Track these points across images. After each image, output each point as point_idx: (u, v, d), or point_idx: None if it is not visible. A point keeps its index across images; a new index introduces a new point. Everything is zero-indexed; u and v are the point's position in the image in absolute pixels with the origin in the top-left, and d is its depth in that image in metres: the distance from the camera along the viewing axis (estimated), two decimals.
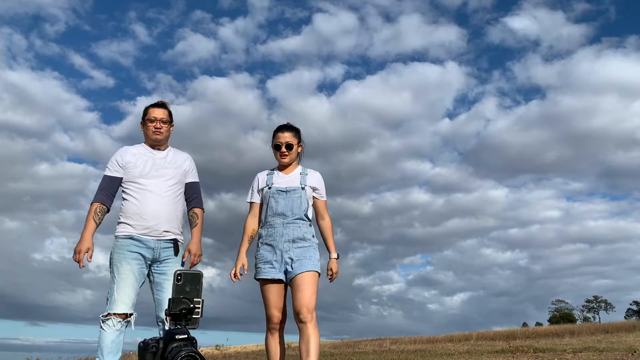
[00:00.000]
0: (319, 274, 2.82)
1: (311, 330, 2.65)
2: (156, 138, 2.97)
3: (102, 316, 2.73)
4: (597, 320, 59.66)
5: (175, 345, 1.57)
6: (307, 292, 2.70)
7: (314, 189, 2.97)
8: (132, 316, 2.76)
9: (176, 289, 1.63)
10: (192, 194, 3.04)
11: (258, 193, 2.98)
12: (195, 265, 2.94)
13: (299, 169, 3.02)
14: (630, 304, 65.05)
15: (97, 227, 2.84)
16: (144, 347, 1.61)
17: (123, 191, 2.91)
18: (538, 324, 53.84)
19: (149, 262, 2.85)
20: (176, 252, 2.91)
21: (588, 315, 65.25)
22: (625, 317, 59.78)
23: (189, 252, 2.92)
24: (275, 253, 2.80)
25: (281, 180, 2.94)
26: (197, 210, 3.03)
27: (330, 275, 2.91)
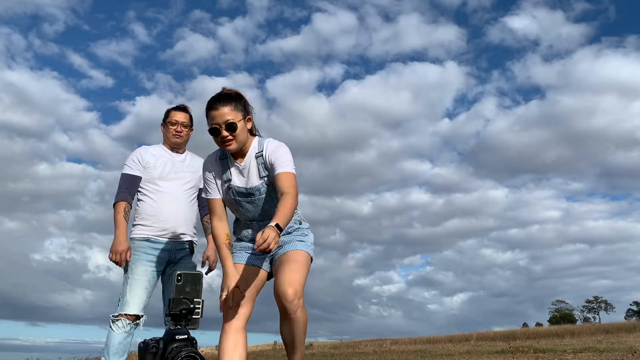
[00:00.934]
0: (312, 259, 2.23)
1: (299, 315, 2.06)
2: (176, 141, 3.00)
3: (112, 316, 2.74)
4: (597, 320, 59.72)
5: (175, 345, 1.57)
6: (295, 272, 2.07)
7: (272, 168, 2.14)
8: (142, 318, 2.77)
9: (176, 289, 1.64)
10: (206, 200, 3.08)
11: (217, 186, 2.25)
12: (213, 270, 3.00)
13: (254, 147, 2.20)
14: (631, 305, 65.00)
15: (127, 226, 2.85)
16: (144, 347, 1.61)
17: (139, 192, 2.92)
18: (538, 324, 53.93)
19: (164, 264, 2.88)
20: (191, 253, 2.96)
21: (588, 315, 65.27)
22: (625, 318, 59.80)
23: (208, 258, 2.99)
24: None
25: (238, 176, 2.21)
26: None
27: (259, 244, 1.76)
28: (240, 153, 2.21)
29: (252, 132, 2.25)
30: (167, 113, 3.05)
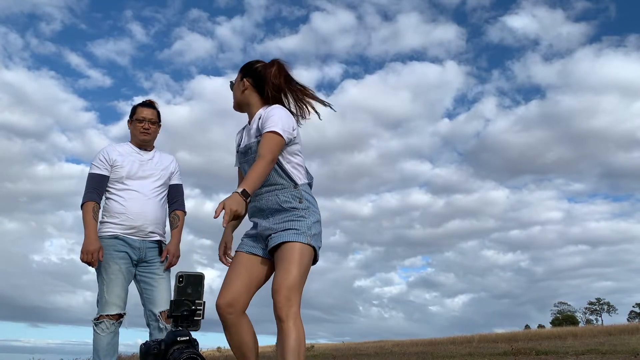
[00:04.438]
0: (314, 249, 2.05)
1: (290, 327, 1.91)
2: (144, 139, 2.94)
3: (93, 319, 2.70)
4: (599, 322, 59.59)
5: (177, 347, 1.56)
6: (288, 271, 1.94)
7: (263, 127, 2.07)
8: (124, 316, 2.73)
9: (178, 290, 1.63)
10: (175, 196, 3.02)
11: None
12: (173, 266, 2.90)
13: (260, 110, 2.20)
14: (633, 307, 64.88)
15: (97, 226, 2.82)
16: (145, 349, 1.60)
17: (107, 190, 2.87)
18: (540, 326, 53.77)
19: (135, 262, 2.83)
20: (160, 254, 2.88)
21: (590, 317, 65.14)
22: (627, 320, 59.71)
23: (168, 252, 2.88)
24: (255, 228, 2.17)
25: (245, 137, 2.26)
26: (179, 213, 3.01)
27: (217, 211, 1.80)
28: (251, 115, 2.24)
29: (267, 99, 2.22)
30: (134, 110, 2.97)
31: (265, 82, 2.20)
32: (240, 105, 2.29)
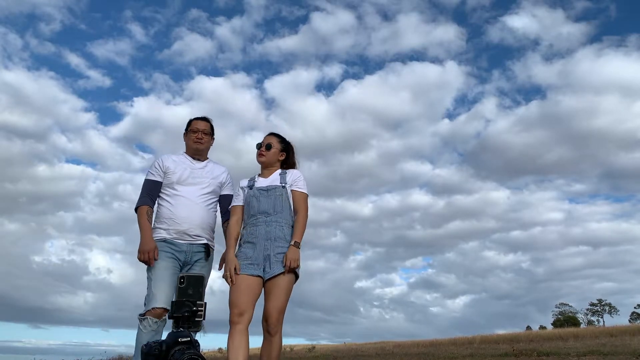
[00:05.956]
0: (297, 277, 2.77)
1: (276, 340, 2.68)
2: (197, 147, 3.11)
3: (139, 315, 2.76)
4: (601, 323, 59.45)
5: (178, 348, 1.57)
6: (280, 299, 2.67)
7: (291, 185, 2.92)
8: (167, 312, 2.75)
9: (179, 291, 1.64)
10: (227, 206, 3.13)
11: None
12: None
13: (279, 170, 3.02)
14: (635, 308, 64.72)
15: (151, 227, 2.94)
16: (147, 350, 1.61)
17: (160, 197, 3.04)
18: (542, 327, 53.72)
19: (181, 266, 2.95)
20: (207, 257, 3.00)
21: (592, 318, 64.98)
22: (629, 321, 59.55)
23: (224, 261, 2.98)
24: (256, 250, 2.76)
25: (262, 181, 2.95)
26: None
27: (289, 266, 2.70)
28: (269, 171, 3.00)
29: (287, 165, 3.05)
30: (190, 122, 3.20)
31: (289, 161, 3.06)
32: (271, 164, 3.00)
